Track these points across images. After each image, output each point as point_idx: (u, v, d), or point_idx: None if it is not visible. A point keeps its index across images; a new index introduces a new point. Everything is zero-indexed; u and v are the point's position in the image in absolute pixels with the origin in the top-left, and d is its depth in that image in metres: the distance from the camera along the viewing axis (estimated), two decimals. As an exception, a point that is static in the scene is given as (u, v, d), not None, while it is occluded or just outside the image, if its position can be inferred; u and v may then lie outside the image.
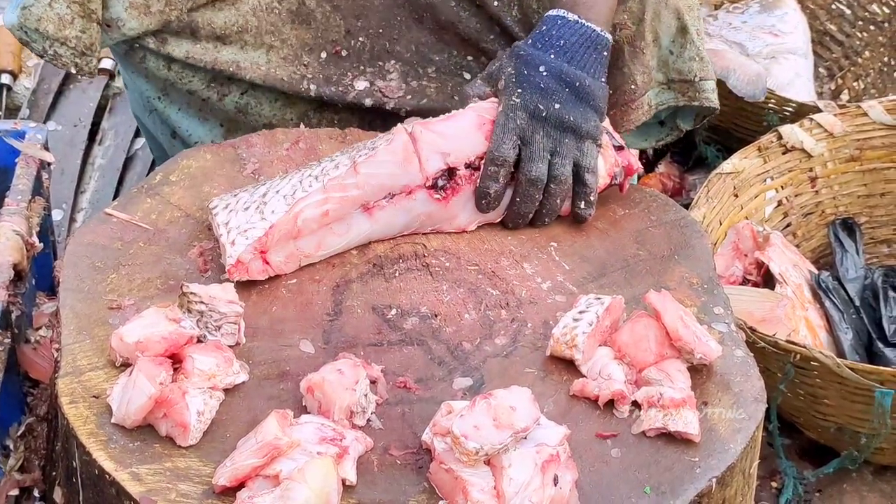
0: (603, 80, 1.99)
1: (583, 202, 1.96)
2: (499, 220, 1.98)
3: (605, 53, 2.00)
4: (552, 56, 1.96)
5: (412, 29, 2.28)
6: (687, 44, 2.18)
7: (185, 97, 2.33)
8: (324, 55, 2.25)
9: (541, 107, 1.93)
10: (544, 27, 1.99)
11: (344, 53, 2.24)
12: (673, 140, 2.44)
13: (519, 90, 1.93)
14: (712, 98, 2.24)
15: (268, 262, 1.84)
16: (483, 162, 1.92)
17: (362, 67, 2.25)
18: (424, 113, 2.25)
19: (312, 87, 2.25)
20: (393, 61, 2.25)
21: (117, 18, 2.15)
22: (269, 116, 2.32)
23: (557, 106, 1.93)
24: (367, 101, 2.27)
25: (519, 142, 1.92)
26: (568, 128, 1.94)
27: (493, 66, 2.00)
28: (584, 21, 1.99)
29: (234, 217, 1.83)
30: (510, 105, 1.93)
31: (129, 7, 2.15)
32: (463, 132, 1.94)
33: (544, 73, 1.94)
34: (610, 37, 2.01)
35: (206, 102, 2.33)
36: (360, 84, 2.26)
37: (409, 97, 2.30)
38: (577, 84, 1.95)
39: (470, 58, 2.31)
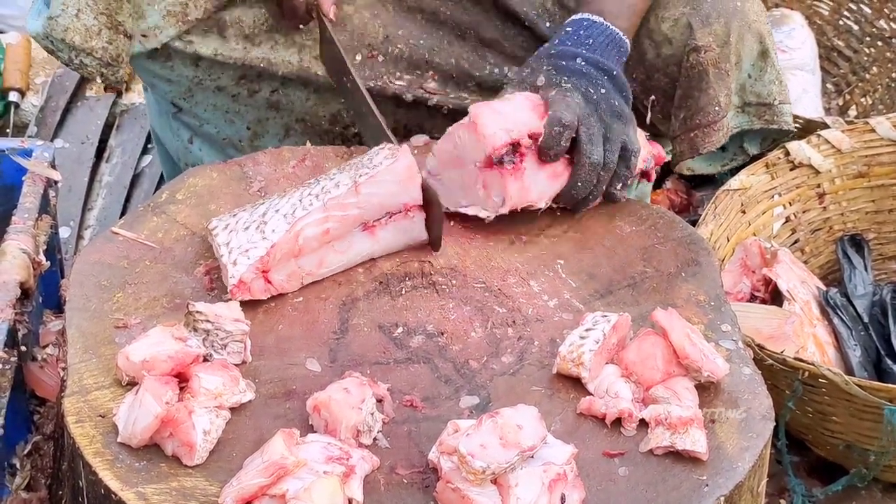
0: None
1: (620, 184, 1.98)
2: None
3: (625, 59, 2.04)
4: (584, 50, 1.98)
5: (454, 44, 2.28)
6: (768, 67, 2.21)
7: (212, 97, 2.31)
8: (358, 58, 2.24)
9: (591, 90, 1.94)
10: (569, 29, 2.02)
11: (380, 59, 2.23)
12: (739, 164, 2.44)
13: (565, 77, 1.94)
14: (789, 121, 2.27)
15: (270, 282, 1.84)
16: (544, 125, 1.90)
17: (399, 74, 2.24)
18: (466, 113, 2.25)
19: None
20: (431, 72, 2.25)
21: (154, 27, 2.15)
22: (300, 112, 2.30)
23: (603, 91, 1.95)
24: (408, 96, 2.26)
25: (577, 118, 1.91)
26: (616, 113, 1.96)
27: (525, 72, 2.00)
28: (608, 24, 2.02)
29: (235, 237, 1.83)
30: (564, 89, 1.93)
31: (167, 15, 2.15)
32: (520, 109, 1.94)
33: (582, 63, 1.96)
34: (629, 42, 2.04)
35: (235, 99, 2.30)
36: (399, 83, 2.26)
37: (451, 95, 2.30)
38: (614, 73, 1.98)
39: (513, 74, 2.31)
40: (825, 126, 2.75)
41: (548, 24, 2.27)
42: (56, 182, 2.23)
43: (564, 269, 1.95)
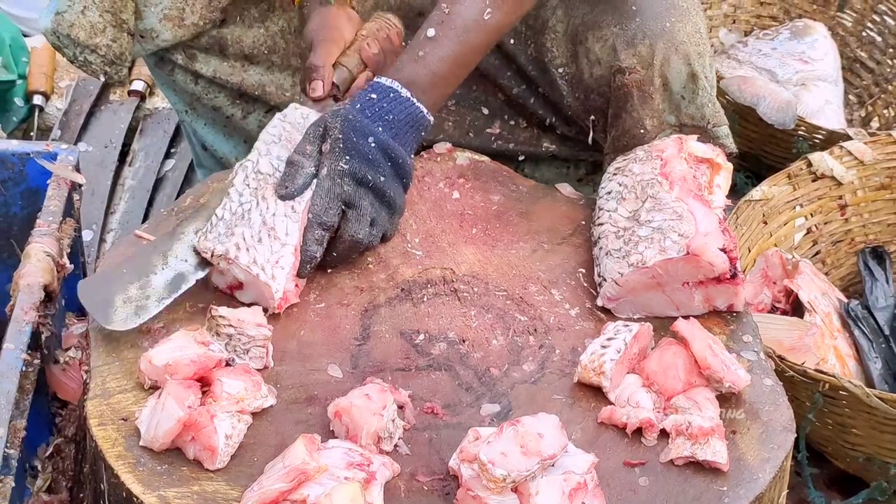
0: (412, 157, 1.97)
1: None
2: None
3: (423, 133, 1.98)
4: (380, 129, 1.91)
5: None
6: (698, 90, 2.14)
7: (210, 112, 2.36)
8: None
9: (369, 177, 1.89)
10: (374, 95, 1.94)
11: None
12: None
13: (347, 157, 1.88)
14: (727, 143, 2.20)
15: (297, 285, 1.85)
16: (306, 226, 1.87)
17: None
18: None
19: None
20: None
21: (151, 29, 2.19)
22: None
23: (382, 179, 1.90)
24: None
25: (343, 206, 1.89)
26: (386, 202, 1.93)
27: (320, 129, 1.92)
28: (414, 100, 1.95)
29: (257, 254, 1.83)
30: (338, 170, 1.88)
31: (164, 19, 2.18)
32: None
33: (373, 145, 1.90)
34: (432, 119, 1.98)
35: (230, 120, 2.35)
36: None
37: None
38: (400, 161, 1.92)
39: (488, 93, 2.31)
40: (847, 137, 2.75)
41: (511, 41, 2.26)
42: (80, 185, 2.23)
43: (586, 277, 1.95)
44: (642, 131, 2.13)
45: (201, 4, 2.20)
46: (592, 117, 2.22)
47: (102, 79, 2.22)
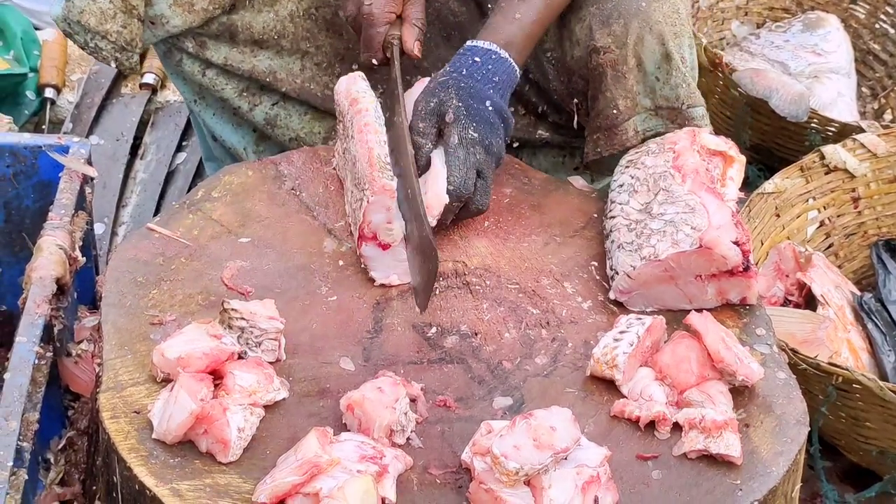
0: None
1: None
2: None
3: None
4: (491, 91, 1.98)
5: (440, 46, 2.28)
6: (672, 70, 2.13)
7: (218, 103, 2.37)
8: (355, 66, 2.27)
9: (493, 143, 1.95)
10: (477, 59, 2.00)
11: (375, 63, 2.24)
12: None
13: (474, 124, 1.94)
14: (702, 124, 2.19)
15: None
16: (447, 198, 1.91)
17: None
18: None
19: None
20: (420, 76, 2.26)
21: (161, 15, 2.20)
22: (296, 129, 2.34)
23: (499, 142, 1.97)
24: None
25: (476, 175, 1.94)
26: (499, 162, 2.00)
27: (432, 102, 1.97)
28: (512, 61, 2.02)
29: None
30: (469, 139, 1.93)
31: (174, 4, 2.20)
32: None
33: (490, 109, 1.96)
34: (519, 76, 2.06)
35: (237, 111, 2.35)
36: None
37: None
38: (509, 122, 2.00)
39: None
40: (860, 130, 2.74)
41: None
42: (92, 178, 2.23)
43: (598, 270, 1.94)
44: (615, 111, 2.13)
45: None
46: (576, 100, 2.22)
47: (113, 65, 2.24)
